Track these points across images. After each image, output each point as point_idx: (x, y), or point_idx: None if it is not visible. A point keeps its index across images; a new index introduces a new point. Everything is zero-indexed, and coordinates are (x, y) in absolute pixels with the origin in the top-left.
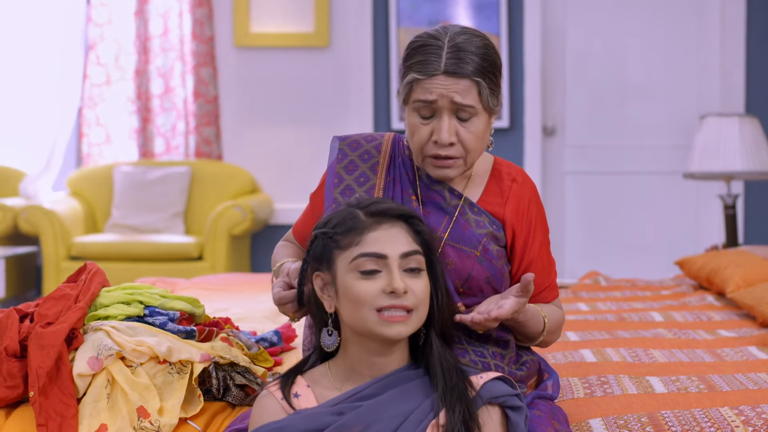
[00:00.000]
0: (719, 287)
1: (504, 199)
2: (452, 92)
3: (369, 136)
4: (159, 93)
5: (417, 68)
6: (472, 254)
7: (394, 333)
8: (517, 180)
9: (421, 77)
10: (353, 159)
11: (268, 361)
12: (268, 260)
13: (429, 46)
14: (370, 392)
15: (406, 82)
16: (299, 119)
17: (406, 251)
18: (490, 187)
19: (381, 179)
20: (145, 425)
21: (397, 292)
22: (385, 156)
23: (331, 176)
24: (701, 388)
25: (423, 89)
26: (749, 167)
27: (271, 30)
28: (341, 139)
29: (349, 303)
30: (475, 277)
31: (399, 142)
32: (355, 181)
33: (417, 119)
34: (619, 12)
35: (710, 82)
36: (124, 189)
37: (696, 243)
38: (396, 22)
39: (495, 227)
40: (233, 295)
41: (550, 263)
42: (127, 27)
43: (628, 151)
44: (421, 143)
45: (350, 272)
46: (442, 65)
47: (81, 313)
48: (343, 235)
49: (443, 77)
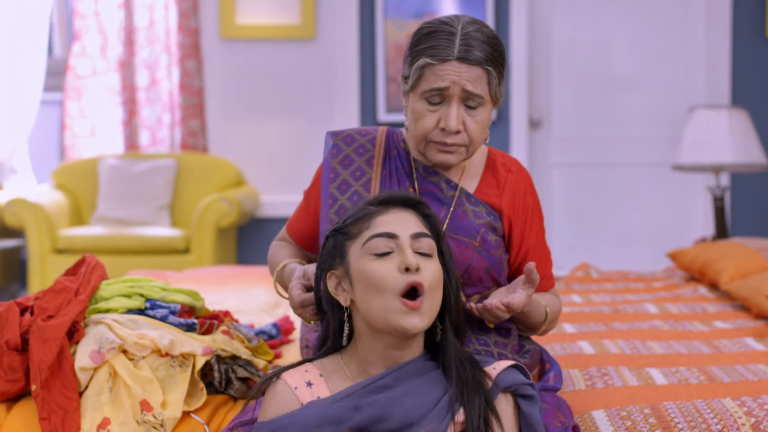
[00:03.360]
0: (712, 279)
1: (500, 190)
2: (464, 80)
3: (363, 130)
4: (144, 85)
5: (430, 53)
6: (471, 245)
7: (409, 324)
8: (512, 170)
9: (434, 62)
10: (348, 153)
11: (268, 354)
12: (254, 253)
13: (441, 32)
14: (385, 383)
15: (418, 67)
16: (285, 111)
17: (417, 232)
18: (486, 178)
19: (377, 172)
20: (148, 418)
21: (411, 267)
22: (380, 149)
23: (327, 171)
24: (701, 379)
25: (435, 75)
26: (738, 159)
27: (257, 22)
28: (335, 134)
29: (365, 288)
30: (475, 267)
31: (393, 135)
32: (351, 175)
33: (424, 106)
34: (605, 4)
35: (696, 73)
36: (109, 181)
37: (682, 235)
38: (382, 14)
39: (492, 217)
40: (227, 288)
41: (547, 253)
42: (112, 18)
43: (614, 142)
44: (427, 130)
45: (363, 256)
46: (455, 51)
47: (82, 307)
48: (353, 225)
49: (456, 63)
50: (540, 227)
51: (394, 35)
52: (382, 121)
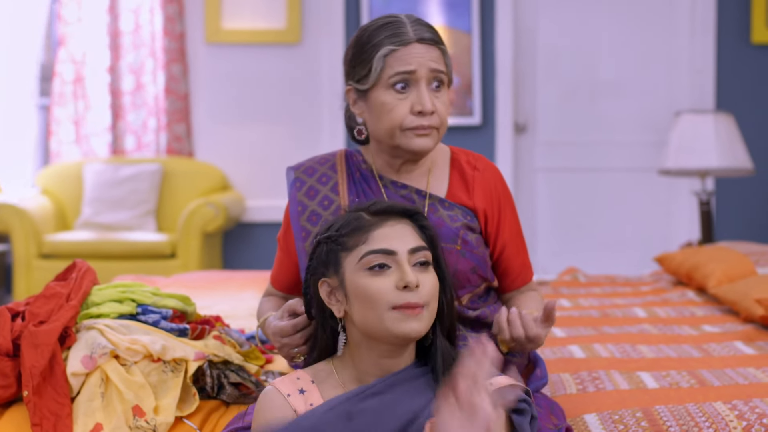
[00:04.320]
0: (699, 283)
1: (470, 190)
2: (428, 60)
3: (320, 158)
4: (130, 90)
5: (389, 41)
6: (453, 249)
7: (409, 330)
8: (478, 167)
9: (396, 47)
10: (312, 184)
11: (259, 359)
12: (240, 258)
13: (390, 23)
14: (377, 390)
15: (381, 56)
16: (271, 116)
17: (415, 246)
18: (454, 180)
19: (344, 198)
20: (140, 424)
21: (411, 285)
22: (342, 174)
23: (294, 205)
24: (692, 383)
25: (400, 60)
26: (724, 164)
27: (243, 26)
28: (294, 168)
29: (361, 303)
30: (461, 270)
31: (351, 157)
32: (318, 205)
33: (393, 96)
34: (590, 9)
35: (681, 78)
36: (94, 186)
37: (667, 239)
38: (368, 18)
39: (469, 218)
40: (216, 293)
41: (522, 243)
42: (97, 23)
43: (599, 147)
44: (401, 118)
45: (359, 271)
46: (412, 34)
47: (74, 312)
48: (348, 236)
49: (417, 45)
50: (513, 218)
51: None
52: None
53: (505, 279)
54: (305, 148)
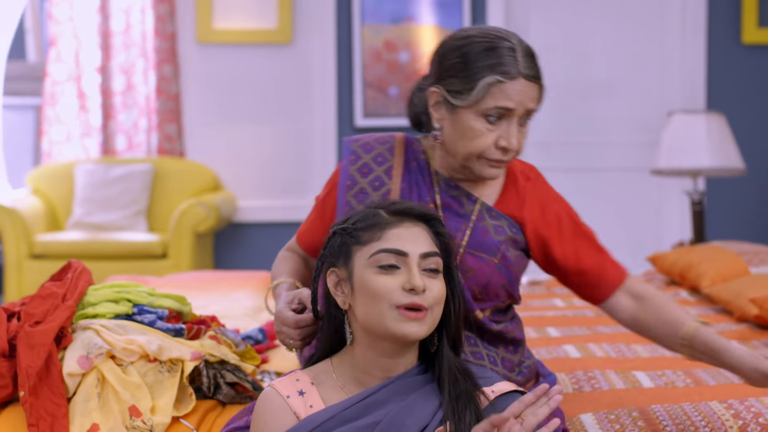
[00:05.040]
0: (693, 283)
1: (521, 201)
2: (528, 99)
3: (380, 137)
4: (121, 90)
5: (499, 70)
6: (490, 262)
7: (409, 331)
8: (531, 178)
9: (504, 80)
10: (367, 161)
11: (255, 359)
12: (232, 258)
13: (502, 48)
14: (381, 397)
15: (486, 84)
16: (262, 116)
17: (427, 251)
18: (506, 189)
19: (397, 184)
20: (137, 424)
21: (417, 289)
22: (399, 159)
23: (344, 178)
24: (688, 382)
25: (503, 93)
26: (716, 163)
27: (234, 26)
28: (353, 140)
29: (365, 298)
30: (493, 284)
31: (411, 145)
32: (369, 184)
33: (483, 124)
34: (582, 9)
35: (672, 78)
36: (86, 187)
37: (659, 239)
38: (359, 18)
39: (514, 230)
40: (209, 293)
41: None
42: (88, 23)
43: (590, 147)
44: (484, 148)
45: (369, 267)
46: (521, 68)
47: (70, 312)
48: (363, 231)
49: (523, 81)
50: (572, 223)
51: (370, 40)
52: (359, 126)
53: (601, 283)
54: (297, 148)
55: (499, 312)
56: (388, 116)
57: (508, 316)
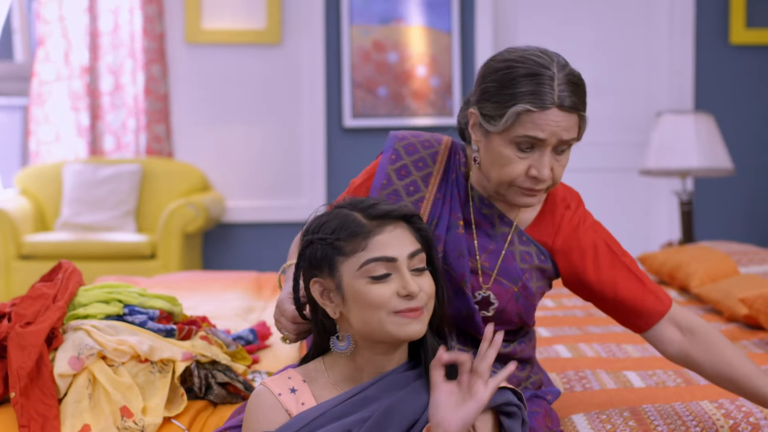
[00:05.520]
0: (682, 282)
1: (555, 228)
2: (561, 129)
3: (426, 140)
4: (109, 90)
5: (529, 99)
6: (510, 289)
7: (413, 332)
8: (570, 206)
9: (534, 109)
10: (407, 163)
11: (246, 359)
12: (220, 258)
13: (540, 75)
14: (372, 393)
15: (515, 113)
16: (250, 116)
17: (413, 251)
18: (542, 215)
19: (431, 193)
20: (129, 425)
21: (413, 294)
22: (440, 168)
23: (381, 176)
24: (678, 382)
25: (533, 123)
26: (704, 164)
27: (223, 26)
28: (399, 138)
29: (360, 308)
30: (508, 311)
31: (455, 154)
32: (404, 188)
33: (513, 152)
34: (570, 10)
35: (660, 79)
36: (74, 187)
37: (647, 239)
38: (348, 19)
39: (542, 258)
40: (199, 294)
41: (640, 273)
42: (77, 23)
43: (578, 147)
44: (514, 177)
45: (359, 278)
46: (555, 98)
47: (60, 313)
48: (346, 241)
49: (556, 111)
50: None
51: (359, 40)
52: (347, 126)
53: (643, 313)
54: (285, 148)
55: (509, 334)
56: (376, 117)
57: (517, 339)
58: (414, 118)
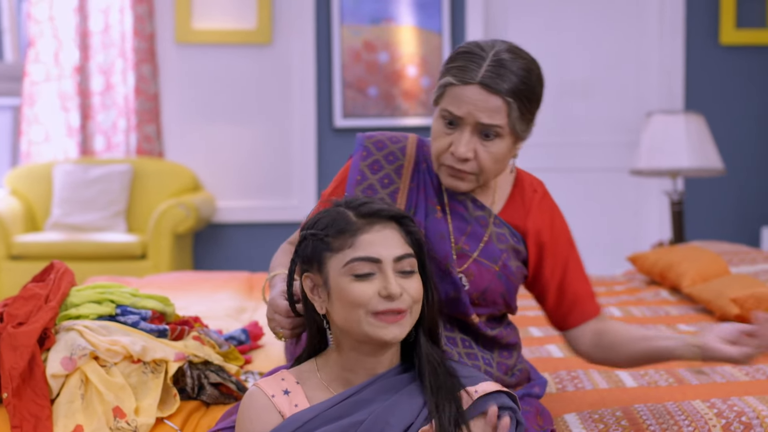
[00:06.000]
0: (673, 282)
1: (525, 211)
2: (480, 111)
3: (393, 136)
4: (99, 90)
5: (454, 72)
6: (491, 269)
7: (389, 336)
8: (537, 191)
9: (456, 82)
10: (378, 159)
11: (239, 360)
12: (211, 258)
13: (472, 54)
14: (365, 396)
15: (441, 84)
16: (241, 116)
17: (400, 255)
18: (512, 199)
19: (405, 184)
20: (121, 425)
21: (394, 296)
22: (410, 160)
23: (354, 172)
24: (670, 381)
25: (454, 98)
26: (695, 164)
27: (213, 26)
28: (367, 136)
29: (342, 305)
30: (492, 291)
31: (423, 147)
32: (378, 181)
33: (441, 126)
34: (561, 10)
35: (650, 79)
36: (64, 187)
37: (638, 239)
38: (339, 19)
39: (515, 239)
40: (191, 294)
41: (585, 273)
42: (67, 23)
43: (569, 148)
44: (440, 151)
45: (344, 276)
46: (479, 76)
47: (53, 313)
48: (334, 237)
49: (477, 88)
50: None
51: (350, 40)
52: (338, 126)
53: (576, 309)
54: (276, 148)
55: (494, 320)
56: (367, 117)
57: (503, 324)
58: (404, 118)
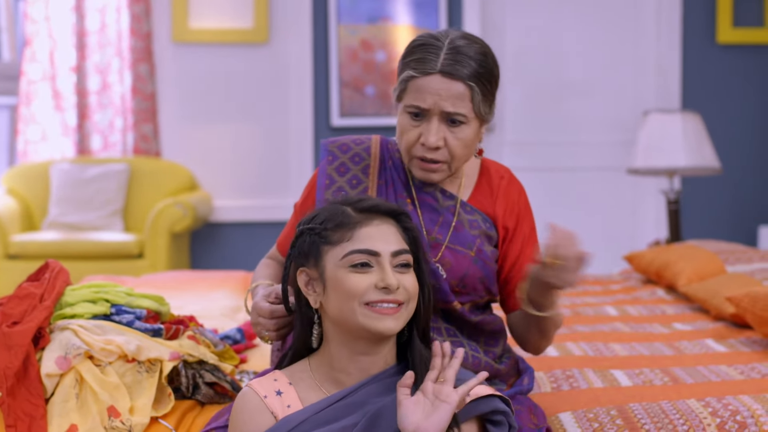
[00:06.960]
0: (669, 281)
1: (494, 198)
2: (444, 99)
3: (356, 139)
4: (96, 89)
5: (414, 65)
6: (467, 255)
7: (384, 327)
8: (504, 177)
9: (417, 75)
10: (344, 161)
11: (234, 359)
12: (208, 258)
13: (429, 45)
14: (359, 398)
15: (402, 79)
16: (238, 115)
17: (397, 250)
18: (480, 186)
19: (373, 182)
20: (116, 425)
21: (390, 288)
22: (376, 159)
23: (323, 177)
24: (665, 380)
25: (417, 91)
26: (692, 163)
27: (210, 25)
28: (330, 141)
29: (338, 296)
30: (471, 276)
31: (387, 145)
32: (347, 183)
33: (407, 120)
34: (558, 9)
35: (647, 78)
36: (61, 186)
37: (634, 238)
38: (336, 18)
39: (487, 225)
40: (187, 293)
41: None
42: (64, 22)
43: (566, 147)
44: (410, 144)
45: (342, 267)
46: (438, 65)
47: (47, 313)
48: (332, 231)
49: (439, 77)
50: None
51: (347, 39)
52: (335, 126)
53: (514, 295)
54: (273, 147)
55: (477, 308)
56: (364, 116)
57: (486, 312)
58: None
